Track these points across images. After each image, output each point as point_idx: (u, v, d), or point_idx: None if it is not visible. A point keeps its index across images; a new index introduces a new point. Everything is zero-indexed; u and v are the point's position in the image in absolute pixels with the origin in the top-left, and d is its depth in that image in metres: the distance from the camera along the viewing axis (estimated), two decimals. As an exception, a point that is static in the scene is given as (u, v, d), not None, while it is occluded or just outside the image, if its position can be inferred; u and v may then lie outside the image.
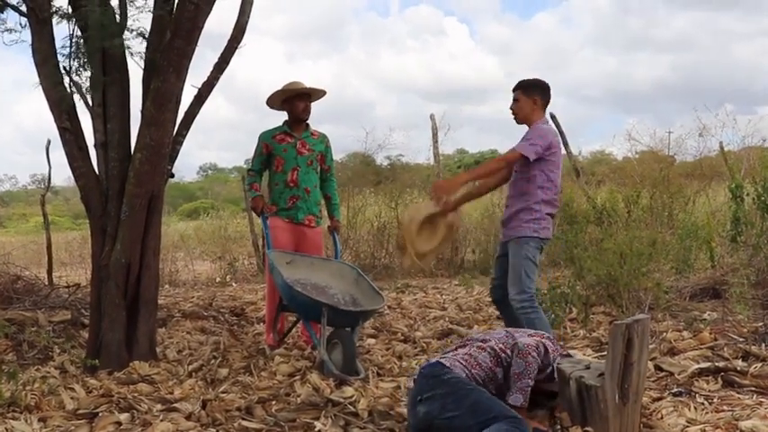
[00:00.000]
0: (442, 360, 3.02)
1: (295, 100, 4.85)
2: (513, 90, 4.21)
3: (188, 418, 3.30)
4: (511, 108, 4.20)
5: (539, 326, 3.89)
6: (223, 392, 3.71)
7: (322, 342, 4.11)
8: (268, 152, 4.90)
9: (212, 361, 4.41)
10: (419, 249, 4.09)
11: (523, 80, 4.22)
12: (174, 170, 4.63)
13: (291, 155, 4.85)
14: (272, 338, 4.79)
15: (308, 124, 4.95)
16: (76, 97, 4.38)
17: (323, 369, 3.97)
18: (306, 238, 4.87)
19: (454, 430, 2.70)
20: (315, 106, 4.98)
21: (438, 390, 2.81)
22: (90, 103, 4.36)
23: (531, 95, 4.14)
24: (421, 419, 2.82)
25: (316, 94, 4.93)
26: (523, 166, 4.07)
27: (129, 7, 4.38)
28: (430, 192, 3.79)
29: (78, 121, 4.35)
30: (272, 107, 4.96)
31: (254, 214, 10.00)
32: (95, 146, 4.36)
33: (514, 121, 4.21)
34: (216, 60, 4.54)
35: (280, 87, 4.88)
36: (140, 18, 4.43)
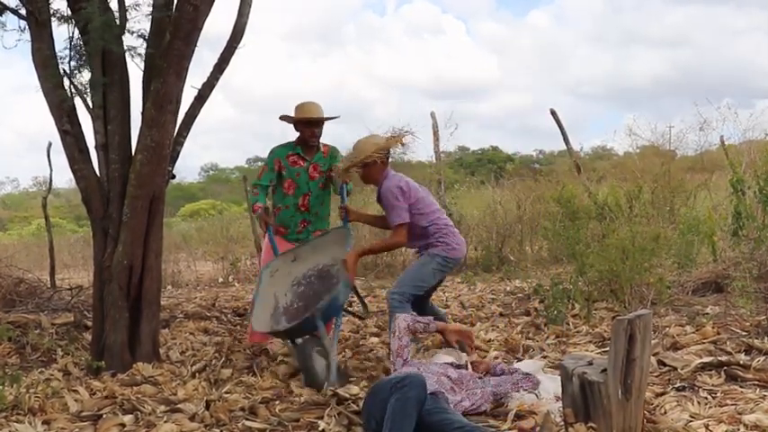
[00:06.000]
0: None
1: (302, 124, 4.70)
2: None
3: (192, 418, 3.31)
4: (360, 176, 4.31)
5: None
6: (226, 393, 3.72)
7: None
8: (279, 170, 4.74)
9: (215, 362, 4.42)
10: None
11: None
12: (175, 171, 4.63)
13: (304, 179, 4.73)
14: (258, 337, 4.70)
15: (318, 145, 4.79)
16: (77, 99, 4.39)
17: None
18: None
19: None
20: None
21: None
22: (90, 105, 4.36)
23: (369, 166, 4.20)
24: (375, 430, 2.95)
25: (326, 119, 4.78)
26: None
27: (128, 9, 4.39)
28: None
29: (79, 123, 4.36)
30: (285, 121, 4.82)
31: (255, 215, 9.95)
32: (96, 148, 4.36)
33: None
34: (215, 61, 4.55)
35: (297, 103, 4.73)
36: (140, 20, 4.44)
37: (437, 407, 2.84)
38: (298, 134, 4.78)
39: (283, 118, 4.75)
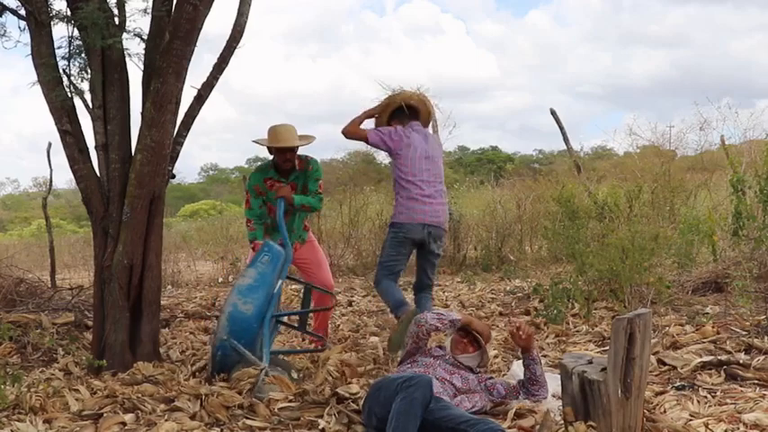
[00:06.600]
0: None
1: (275, 150, 4.62)
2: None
3: (192, 417, 3.31)
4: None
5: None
6: (222, 388, 3.70)
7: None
8: (259, 194, 4.72)
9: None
10: None
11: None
12: (175, 171, 4.63)
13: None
14: None
15: (293, 162, 4.67)
16: (77, 99, 4.39)
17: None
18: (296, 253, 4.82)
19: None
20: (313, 107, 4.91)
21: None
22: (90, 105, 4.37)
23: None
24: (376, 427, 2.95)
25: (302, 140, 4.68)
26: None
27: (126, 8, 4.40)
28: None
29: (79, 123, 4.36)
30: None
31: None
32: (96, 148, 4.37)
33: None
34: (215, 61, 4.55)
35: (271, 125, 4.64)
36: (138, 19, 4.44)
37: (440, 404, 2.84)
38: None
39: (256, 142, 4.68)
